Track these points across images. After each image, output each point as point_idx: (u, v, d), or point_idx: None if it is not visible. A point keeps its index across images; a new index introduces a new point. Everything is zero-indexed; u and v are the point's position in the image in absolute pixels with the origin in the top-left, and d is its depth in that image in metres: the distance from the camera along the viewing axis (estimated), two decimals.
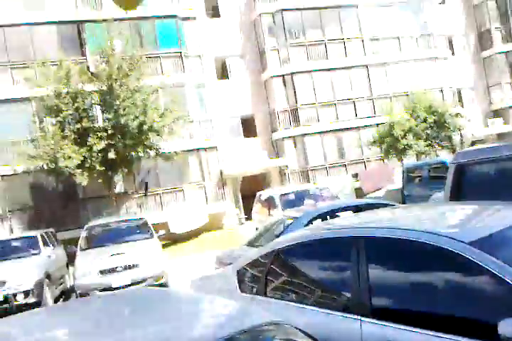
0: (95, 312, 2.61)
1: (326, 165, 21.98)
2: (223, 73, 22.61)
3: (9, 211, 17.98)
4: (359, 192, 20.07)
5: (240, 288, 3.89)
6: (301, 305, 3.18)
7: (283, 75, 22.01)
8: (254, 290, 3.70)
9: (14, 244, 11.92)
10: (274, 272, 3.64)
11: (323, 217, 7.15)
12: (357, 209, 7.04)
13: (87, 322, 2.31)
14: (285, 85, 22.10)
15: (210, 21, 21.46)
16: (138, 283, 9.27)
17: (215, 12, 22.27)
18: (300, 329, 1.94)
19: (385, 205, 6.27)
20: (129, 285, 9.19)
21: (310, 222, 6.59)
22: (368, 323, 2.71)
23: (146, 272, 9.47)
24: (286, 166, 21.47)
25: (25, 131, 16.79)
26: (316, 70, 21.98)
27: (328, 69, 22.18)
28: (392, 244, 2.86)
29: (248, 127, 22.44)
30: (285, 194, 12.84)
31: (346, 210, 7.38)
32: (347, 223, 3.83)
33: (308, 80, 22.04)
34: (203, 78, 20.60)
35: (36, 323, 2.47)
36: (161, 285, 9.49)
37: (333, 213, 7.35)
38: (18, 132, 17.12)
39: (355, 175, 21.10)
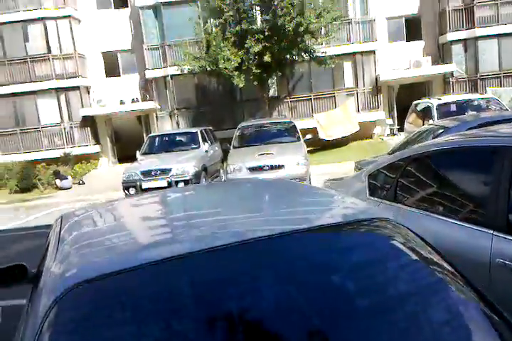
0: (237, 190, 2.91)
1: (500, 73, 19.29)
2: None
3: (177, 108, 19.83)
4: None
5: (369, 191, 3.85)
6: (430, 214, 3.04)
7: None
8: (383, 194, 3.63)
9: (178, 138, 13.34)
10: (407, 178, 3.49)
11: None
12: None
13: (228, 195, 2.71)
14: None
15: None
16: None
17: None
18: (411, 230, 1.87)
19: None
20: None
21: None
22: (500, 238, 2.51)
23: (291, 173, 9.88)
24: (452, 73, 19.37)
25: (192, 32, 17.61)
26: None
27: None
28: None
29: (413, 29, 20.37)
30: (444, 104, 11.73)
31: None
32: (496, 132, 3.34)
33: None
34: None
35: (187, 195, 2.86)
36: None
37: (494, 125, 6.59)
38: (185, 34, 18.07)
39: None
